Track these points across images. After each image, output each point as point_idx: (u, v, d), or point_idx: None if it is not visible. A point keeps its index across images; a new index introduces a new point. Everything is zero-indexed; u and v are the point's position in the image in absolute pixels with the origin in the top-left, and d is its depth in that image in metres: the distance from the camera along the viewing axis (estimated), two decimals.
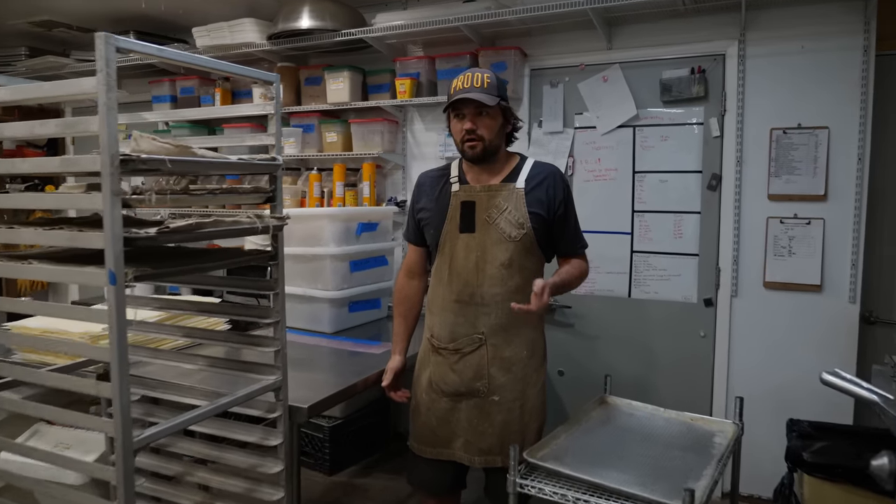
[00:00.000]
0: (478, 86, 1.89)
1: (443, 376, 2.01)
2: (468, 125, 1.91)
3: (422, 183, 2.14)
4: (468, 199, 1.99)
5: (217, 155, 1.43)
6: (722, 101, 2.87)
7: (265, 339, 1.72)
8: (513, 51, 3.09)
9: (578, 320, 3.23)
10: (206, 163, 1.39)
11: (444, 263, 2.00)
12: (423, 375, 2.08)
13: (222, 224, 1.43)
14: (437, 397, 2.03)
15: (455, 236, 1.98)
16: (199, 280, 1.76)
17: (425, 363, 2.08)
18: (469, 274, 1.96)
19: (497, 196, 1.97)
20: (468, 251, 1.96)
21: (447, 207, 2.01)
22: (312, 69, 3.53)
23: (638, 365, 3.10)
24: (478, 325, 1.96)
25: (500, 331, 1.96)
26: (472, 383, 1.97)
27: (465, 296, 1.96)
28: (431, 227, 2.05)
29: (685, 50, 2.91)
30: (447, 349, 1.99)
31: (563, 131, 3.19)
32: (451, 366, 1.99)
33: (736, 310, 2.91)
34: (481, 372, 1.96)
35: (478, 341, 1.96)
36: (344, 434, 3.31)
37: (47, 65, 3.97)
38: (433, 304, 2.06)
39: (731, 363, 2.92)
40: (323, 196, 3.51)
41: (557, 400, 3.27)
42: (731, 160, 2.86)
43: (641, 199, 3.07)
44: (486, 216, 1.96)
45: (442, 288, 2.01)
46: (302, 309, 2.69)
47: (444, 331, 2.00)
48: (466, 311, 1.97)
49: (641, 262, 3.09)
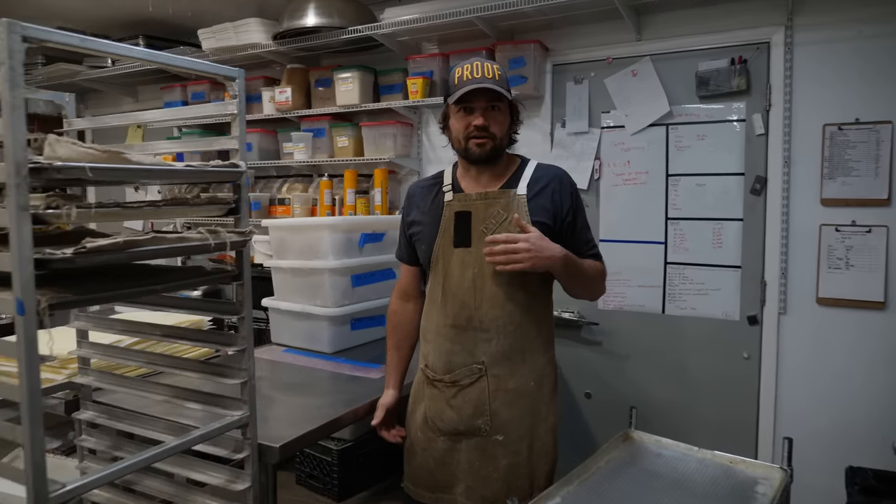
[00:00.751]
0: (490, 76, 1.65)
1: (439, 412, 1.77)
2: (479, 120, 1.67)
3: (412, 194, 1.90)
4: (463, 208, 1.75)
5: (159, 162, 1.22)
6: (766, 95, 2.56)
7: (230, 369, 1.51)
8: (532, 44, 2.84)
9: (606, 338, 2.95)
10: (141, 170, 1.19)
11: (438, 283, 1.76)
12: (418, 410, 1.84)
13: (163, 241, 1.22)
14: (434, 436, 1.79)
15: (449, 252, 1.74)
16: (155, 301, 1.57)
17: (419, 396, 1.84)
18: (465, 294, 1.71)
19: (495, 204, 1.72)
20: (464, 268, 1.72)
21: (440, 219, 1.77)
22: (322, 70, 3.35)
23: (671, 390, 2.80)
24: (477, 353, 1.72)
25: (503, 359, 1.71)
26: (473, 420, 1.73)
27: (461, 319, 1.72)
28: (423, 243, 1.81)
29: (724, 38, 2.61)
30: (443, 381, 1.75)
31: (588, 131, 2.92)
32: (447, 400, 1.75)
33: (784, 329, 2.59)
34: (482, 407, 1.72)
35: (477, 372, 1.72)
36: (354, 457, 3.09)
37: (61, 72, 3.89)
38: (427, 330, 1.82)
39: (780, 391, 2.60)
40: (334, 204, 3.31)
41: (583, 424, 3.00)
42: (777, 160, 2.55)
43: (676, 204, 2.77)
44: (483, 228, 1.71)
45: (436, 311, 1.77)
46: (300, 326, 2.48)
47: (440, 360, 1.76)
48: (463, 337, 1.72)
49: (676, 275, 2.79)
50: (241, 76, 1.44)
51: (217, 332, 1.52)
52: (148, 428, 1.65)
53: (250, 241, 1.45)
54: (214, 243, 1.31)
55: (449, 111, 1.75)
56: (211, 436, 1.45)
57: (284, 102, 3.33)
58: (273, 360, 2.38)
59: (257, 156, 3.56)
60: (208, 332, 1.54)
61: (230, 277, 1.46)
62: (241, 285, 1.48)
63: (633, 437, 1.96)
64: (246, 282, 1.48)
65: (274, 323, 2.61)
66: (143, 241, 1.18)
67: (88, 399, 1.80)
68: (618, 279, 2.88)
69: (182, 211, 1.32)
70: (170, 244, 1.24)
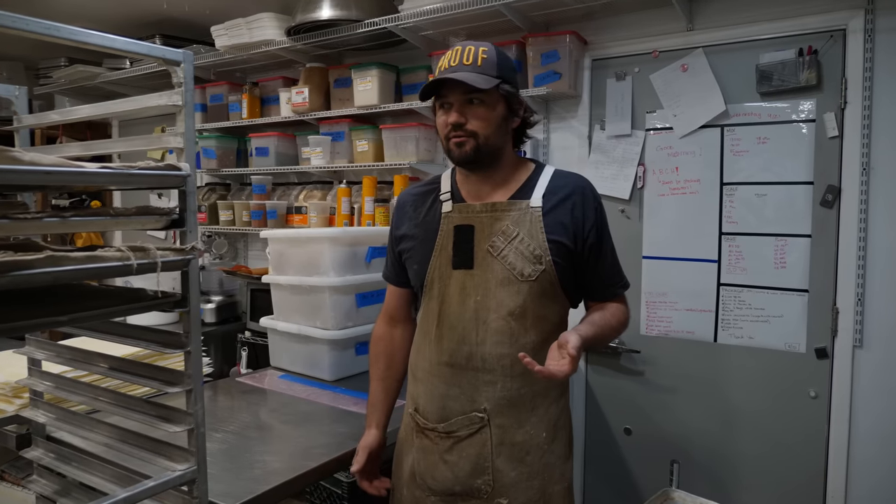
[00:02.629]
0: (468, 62, 1.37)
1: (430, 469, 1.47)
2: (452, 117, 1.39)
3: (402, 203, 1.62)
4: (464, 222, 1.46)
5: (62, 163, 0.98)
6: (841, 91, 2.18)
7: (176, 413, 1.26)
8: (567, 36, 2.53)
9: (649, 367, 2.60)
10: (36, 172, 0.95)
11: (433, 311, 1.47)
12: (405, 463, 1.55)
13: (64, 262, 0.97)
14: (423, 496, 1.50)
15: (447, 274, 1.45)
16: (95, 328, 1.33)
17: (407, 446, 1.56)
18: (466, 327, 1.42)
19: (504, 218, 1.43)
20: (464, 295, 1.43)
21: (436, 234, 1.48)
22: (342, 69, 3.11)
23: (723, 431, 2.43)
24: (478, 398, 1.42)
25: (509, 407, 1.42)
26: (471, 480, 1.43)
27: (460, 357, 1.43)
28: (414, 262, 1.53)
29: (790, 26, 2.25)
30: (436, 431, 1.46)
31: (631, 134, 2.59)
32: (441, 454, 1.46)
33: (860, 364, 2.20)
34: (483, 464, 1.42)
35: (478, 421, 1.42)
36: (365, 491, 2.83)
37: (80, 74, 3.79)
38: (417, 368, 1.53)
39: (853, 437, 2.20)
40: (353, 213, 3.07)
41: (621, 463, 2.65)
42: (854, 167, 2.17)
43: (731, 217, 2.41)
44: (488, 246, 1.42)
45: (429, 345, 1.48)
46: (299, 350, 2.23)
47: (432, 405, 1.47)
48: (461, 378, 1.43)
49: (731, 298, 2.42)
50: (188, 60, 1.20)
51: (160, 368, 1.27)
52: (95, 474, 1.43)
53: (196, 259, 1.19)
54: (138, 264, 1.06)
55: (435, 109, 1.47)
56: (147, 494, 1.20)
57: (301, 104, 3.11)
58: (265, 388, 2.14)
59: (274, 161, 3.34)
60: (151, 367, 1.29)
61: (172, 303, 1.21)
62: (187, 313, 1.23)
63: (674, 498, 1.62)
64: (193, 309, 1.22)
65: (273, 345, 2.37)
66: (32, 263, 0.93)
67: (41, 435, 1.58)
68: (663, 301, 2.54)
69: (102, 223, 1.08)
70: (74, 265, 0.99)
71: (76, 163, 1.00)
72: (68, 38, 1.03)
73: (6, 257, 0.92)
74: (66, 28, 1.02)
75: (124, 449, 1.34)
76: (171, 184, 1.18)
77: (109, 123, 4.54)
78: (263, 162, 3.39)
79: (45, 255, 0.96)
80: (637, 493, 2.60)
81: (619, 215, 2.61)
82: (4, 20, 0.92)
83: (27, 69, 4.31)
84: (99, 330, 1.33)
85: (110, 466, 1.39)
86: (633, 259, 2.56)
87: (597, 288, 1.50)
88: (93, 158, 4.16)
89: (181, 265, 1.17)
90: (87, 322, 1.22)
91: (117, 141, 1.37)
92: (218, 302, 3.41)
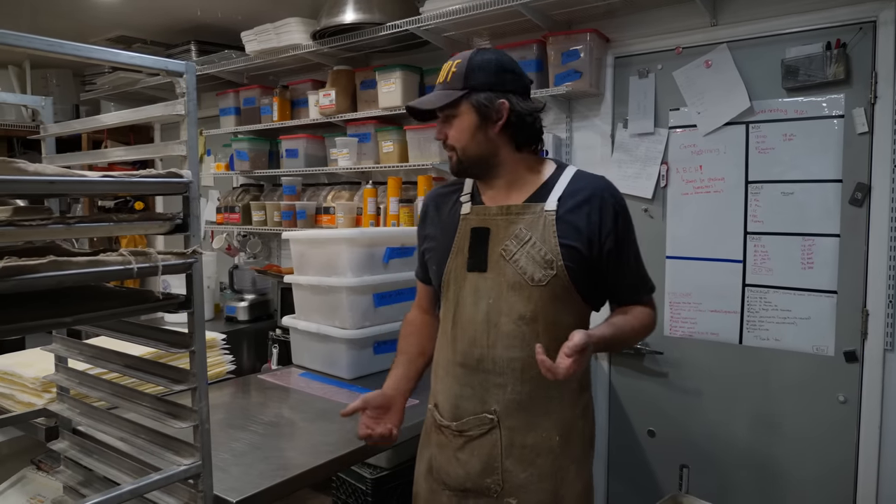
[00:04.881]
0: (441, 81, 1.44)
1: (444, 464, 1.50)
2: (438, 135, 1.46)
3: (428, 202, 1.64)
4: (480, 224, 1.46)
5: (66, 172, 1.04)
6: (871, 86, 2.11)
7: (183, 409, 1.32)
8: (588, 34, 2.50)
9: (673, 369, 2.56)
10: (40, 182, 1.00)
11: (449, 312, 1.49)
12: (424, 456, 1.58)
13: (67, 266, 1.03)
14: (438, 489, 1.52)
15: (461, 276, 1.46)
16: (109, 326, 1.39)
17: (427, 441, 1.58)
18: (477, 330, 1.43)
19: (518, 221, 1.42)
20: (477, 297, 1.44)
21: (453, 235, 1.50)
22: (367, 71, 3.15)
23: (748, 435, 2.38)
24: (488, 399, 1.43)
25: (520, 410, 1.42)
26: (481, 479, 1.44)
27: (471, 359, 1.44)
28: (434, 262, 1.55)
29: (817, 19, 2.18)
30: (450, 429, 1.48)
31: (654, 132, 2.55)
32: (454, 452, 1.47)
33: (892, 368, 2.12)
34: (493, 465, 1.43)
35: (488, 422, 1.43)
36: (390, 488, 2.86)
37: (121, 80, 3.93)
38: (438, 366, 1.55)
39: (884, 443, 2.13)
40: (378, 213, 3.11)
41: (645, 465, 2.62)
42: (884, 164, 2.10)
43: (757, 216, 2.35)
44: (501, 249, 1.42)
45: (446, 345, 1.50)
46: (319, 349, 2.28)
47: (447, 403, 1.49)
48: (472, 379, 1.44)
49: (757, 300, 2.37)
50: (190, 71, 1.24)
51: (167, 367, 1.33)
52: (113, 466, 1.50)
53: (198, 263, 1.24)
54: (138, 268, 1.11)
55: None
56: (153, 487, 1.26)
57: (329, 106, 3.16)
58: (284, 385, 2.19)
59: (304, 162, 3.41)
60: (160, 365, 1.35)
61: (177, 305, 1.26)
62: (191, 314, 1.28)
63: (683, 503, 1.60)
64: (196, 310, 1.27)
65: (294, 343, 2.43)
66: (36, 267, 0.99)
67: (67, 428, 1.66)
68: (687, 302, 2.49)
69: (106, 229, 1.13)
70: (77, 269, 1.04)
71: (79, 172, 1.06)
72: (73, 54, 1.08)
73: (11, 262, 0.97)
74: (70, 44, 1.08)
75: (138, 443, 1.40)
76: (175, 190, 1.23)
77: (152, 127, 4.70)
78: (293, 163, 3.46)
79: (48, 259, 1.02)
80: (660, 496, 2.55)
81: (643, 214, 2.57)
82: (7, 38, 0.97)
83: (75, 76, 4.50)
84: (112, 329, 1.40)
85: (127, 460, 1.46)
86: (656, 259, 2.52)
87: (619, 292, 1.49)
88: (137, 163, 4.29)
89: (183, 268, 1.22)
90: (92, 322, 1.27)
91: (129, 149, 1.43)
92: (251, 300, 3.50)
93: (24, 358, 1.97)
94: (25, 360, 1.93)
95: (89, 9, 3.29)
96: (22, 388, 1.85)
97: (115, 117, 1.33)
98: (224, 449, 1.67)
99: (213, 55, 3.51)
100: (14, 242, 1.22)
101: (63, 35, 1.05)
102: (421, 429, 1.64)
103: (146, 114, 1.27)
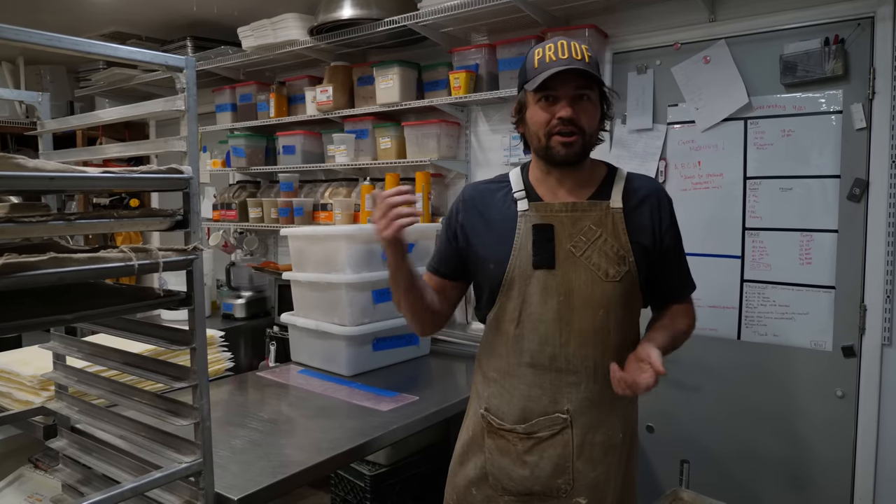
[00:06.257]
0: (578, 58, 1.35)
1: (506, 469, 1.47)
2: (565, 111, 1.35)
3: (470, 198, 1.55)
4: (543, 221, 1.44)
5: (66, 168, 1.03)
6: (869, 81, 2.11)
7: (183, 407, 1.31)
8: (587, 30, 2.50)
9: (673, 365, 2.51)
10: (40, 178, 0.99)
11: (512, 311, 1.45)
12: (470, 464, 1.54)
13: (67, 263, 1.02)
14: (496, 495, 1.49)
15: (527, 273, 1.43)
16: (107, 324, 1.39)
17: (473, 448, 1.54)
18: (549, 328, 1.42)
19: (585, 218, 1.42)
20: (547, 295, 1.41)
21: (513, 233, 1.45)
22: (365, 67, 3.14)
23: (746, 430, 2.38)
24: (560, 399, 1.43)
25: (592, 408, 1.43)
26: (551, 480, 1.44)
27: (542, 358, 1.43)
28: (490, 261, 1.48)
29: (815, 14, 2.18)
30: (514, 432, 1.46)
31: (652, 128, 2.55)
32: (520, 455, 1.45)
33: (889, 363, 2.13)
34: (564, 465, 1.43)
35: (561, 422, 1.43)
36: (389, 484, 2.86)
37: (116, 77, 3.91)
38: (490, 367, 1.52)
39: (882, 438, 2.14)
40: None
41: (645, 463, 2.62)
42: (882, 160, 2.10)
43: (755, 212, 2.36)
44: (570, 246, 1.41)
45: (505, 346, 1.47)
46: (317, 346, 2.28)
47: (512, 406, 1.46)
48: (544, 379, 1.43)
49: (755, 295, 2.37)
50: (190, 66, 1.23)
51: (168, 364, 1.32)
52: (113, 465, 1.49)
53: (199, 260, 1.23)
54: (139, 264, 1.10)
55: (526, 101, 1.43)
56: (154, 485, 1.26)
57: (326, 102, 3.15)
58: (283, 382, 2.19)
59: (301, 159, 3.40)
60: (160, 362, 1.34)
61: (177, 302, 1.26)
62: (192, 310, 1.27)
63: (684, 498, 1.61)
64: (197, 307, 1.27)
65: (293, 340, 2.42)
66: (37, 264, 0.98)
67: (66, 426, 1.66)
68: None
69: (107, 225, 1.12)
70: (77, 266, 1.04)
71: (79, 168, 1.05)
72: (71, 49, 1.08)
73: (11, 259, 0.97)
74: (69, 39, 1.07)
75: (139, 441, 1.40)
76: (175, 186, 1.23)
77: (147, 123, 4.68)
78: (290, 160, 3.45)
79: (48, 256, 1.01)
80: (660, 491, 2.57)
81: None
82: (6, 33, 0.96)
83: (69, 72, 4.47)
84: (113, 326, 1.39)
85: (127, 458, 1.46)
86: None
87: (670, 290, 1.53)
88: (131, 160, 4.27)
89: (184, 265, 1.22)
90: (94, 319, 1.27)
91: (129, 145, 1.42)
92: (248, 297, 3.50)
93: (22, 355, 1.97)
94: (23, 358, 1.92)
95: (84, 4, 3.26)
96: (19, 385, 1.84)
97: (114, 113, 1.32)
98: (223, 446, 1.66)
99: (210, 51, 3.49)
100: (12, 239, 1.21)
101: (57, 31, 1.04)
102: (416, 427, 1.64)
103: (145, 109, 1.26)
